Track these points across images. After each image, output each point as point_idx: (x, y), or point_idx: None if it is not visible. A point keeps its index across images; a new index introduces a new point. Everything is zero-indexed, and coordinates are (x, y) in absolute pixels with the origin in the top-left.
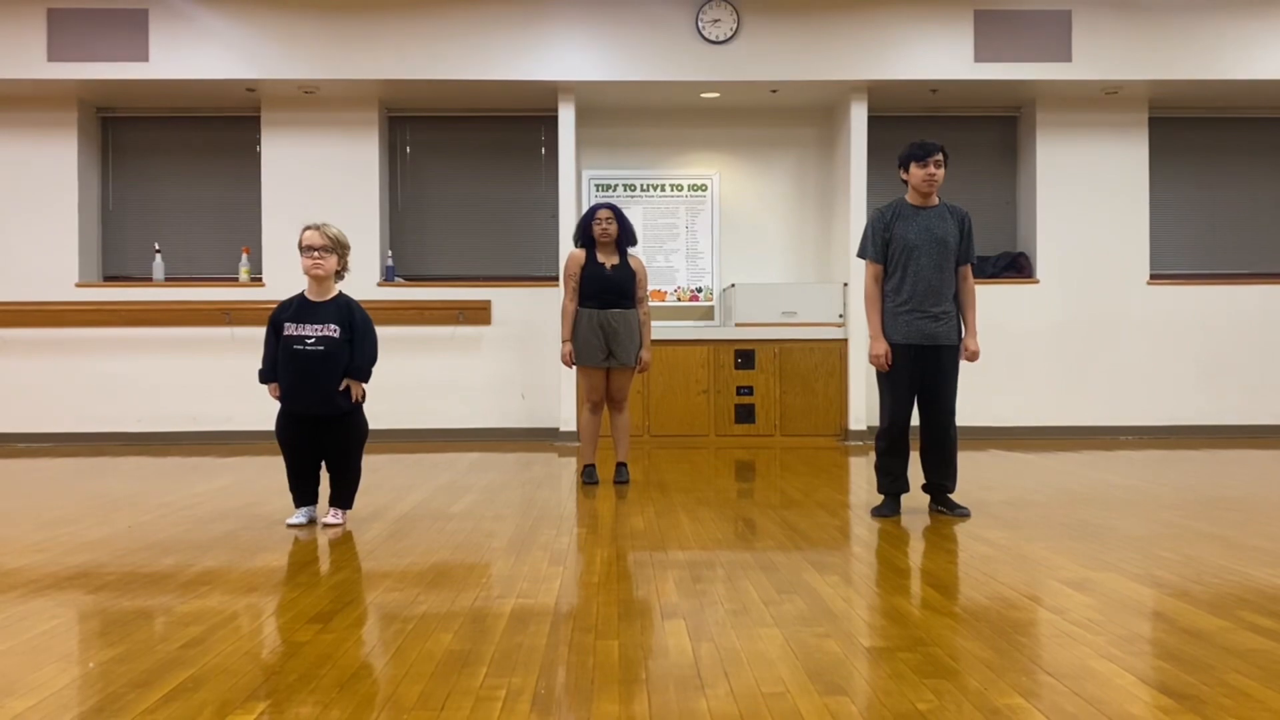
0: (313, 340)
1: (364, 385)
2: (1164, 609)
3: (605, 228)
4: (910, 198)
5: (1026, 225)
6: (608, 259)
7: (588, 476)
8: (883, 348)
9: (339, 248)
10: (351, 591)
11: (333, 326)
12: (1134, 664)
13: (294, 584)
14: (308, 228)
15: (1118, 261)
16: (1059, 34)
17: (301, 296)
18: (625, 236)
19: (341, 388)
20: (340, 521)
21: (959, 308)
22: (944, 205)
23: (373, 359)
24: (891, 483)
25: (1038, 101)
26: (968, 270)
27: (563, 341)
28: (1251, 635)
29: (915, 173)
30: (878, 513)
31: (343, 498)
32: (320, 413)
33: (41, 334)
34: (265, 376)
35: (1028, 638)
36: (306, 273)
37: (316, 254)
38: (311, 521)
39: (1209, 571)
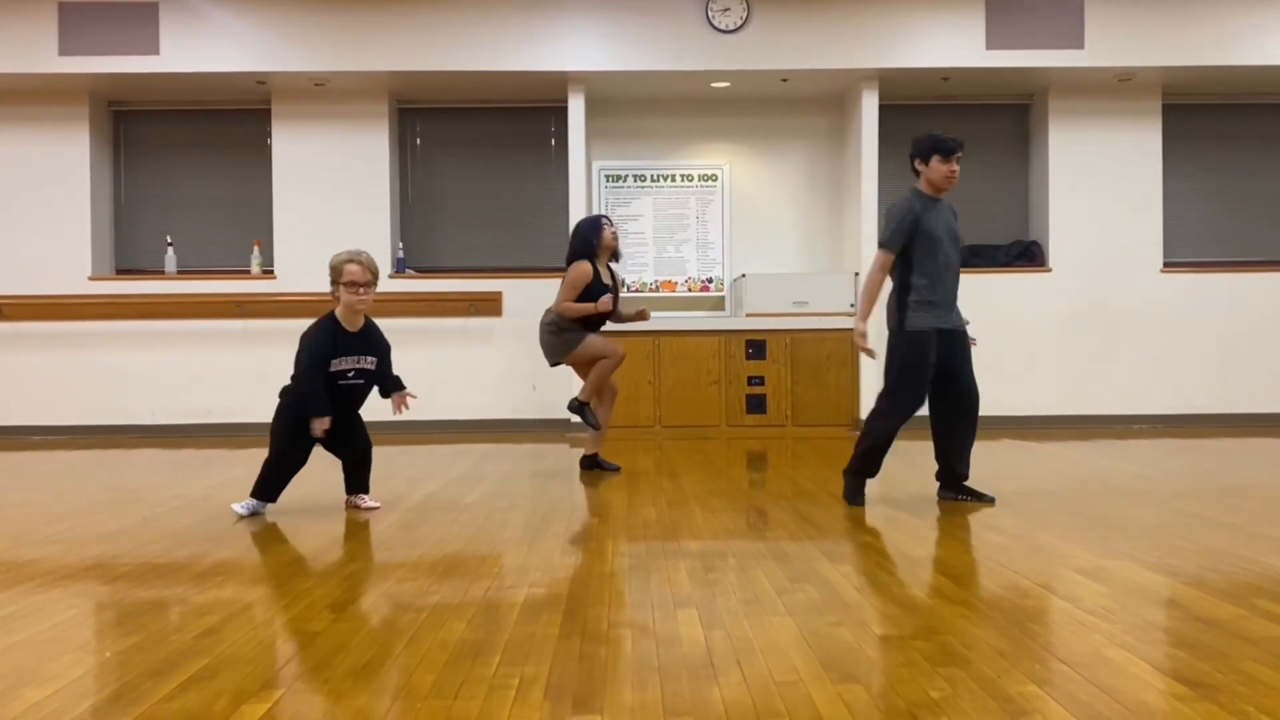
0: (352, 374)
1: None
2: (1178, 597)
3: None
4: (925, 189)
5: (1039, 213)
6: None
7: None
8: (865, 329)
9: (376, 279)
10: (365, 581)
11: (369, 359)
12: (1148, 652)
13: (307, 574)
14: (351, 261)
15: (1131, 249)
16: (1071, 21)
17: (335, 326)
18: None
19: (398, 409)
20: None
21: None
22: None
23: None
24: (876, 468)
25: (1050, 89)
26: None
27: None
28: (1267, 623)
29: (938, 168)
30: (857, 500)
31: (367, 482)
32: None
33: (55, 327)
34: (321, 410)
35: (1041, 626)
36: (350, 308)
37: (362, 290)
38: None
39: (1223, 560)
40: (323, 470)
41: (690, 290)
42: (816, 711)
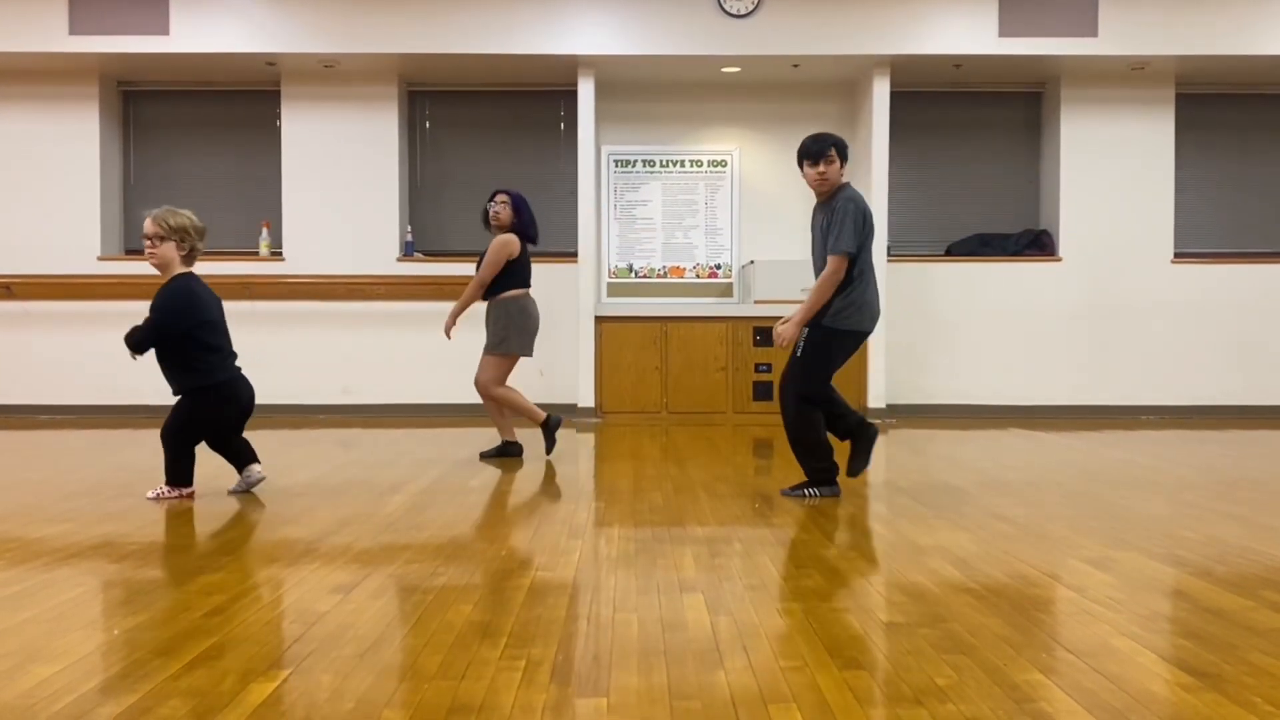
0: None
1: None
2: (1185, 588)
3: (498, 210)
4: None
5: (1050, 202)
6: None
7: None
8: (797, 332)
9: (174, 233)
10: (372, 563)
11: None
12: (1155, 642)
13: (314, 555)
14: (146, 215)
15: (1142, 240)
16: (1085, 9)
17: None
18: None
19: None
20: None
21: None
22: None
23: (143, 332)
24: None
25: (1063, 77)
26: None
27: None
28: (1273, 614)
29: (806, 173)
30: (831, 492)
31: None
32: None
33: (64, 307)
34: None
35: (1047, 615)
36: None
37: (149, 243)
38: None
39: (1231, 551)
40: (330, 452)
41: (698, 276)
42: (822, 697)
